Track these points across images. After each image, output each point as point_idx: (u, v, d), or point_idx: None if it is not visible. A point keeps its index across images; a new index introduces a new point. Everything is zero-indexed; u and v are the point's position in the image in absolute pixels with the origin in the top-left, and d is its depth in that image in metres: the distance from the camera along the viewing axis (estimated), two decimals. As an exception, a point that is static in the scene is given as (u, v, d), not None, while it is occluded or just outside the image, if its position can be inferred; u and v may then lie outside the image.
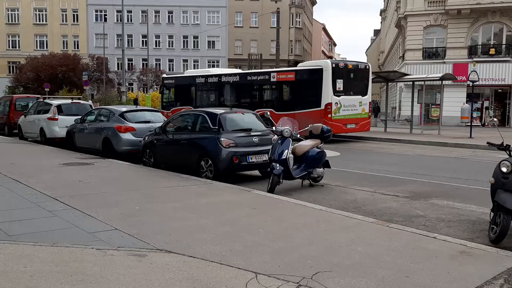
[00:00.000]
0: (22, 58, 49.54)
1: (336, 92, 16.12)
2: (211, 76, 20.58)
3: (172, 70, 56.03)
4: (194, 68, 54.19)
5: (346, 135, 18.31)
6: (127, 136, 11.44)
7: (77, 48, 55.82)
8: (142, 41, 55.81)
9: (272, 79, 17.91)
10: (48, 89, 37.49)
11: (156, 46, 56.94)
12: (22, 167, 9.41)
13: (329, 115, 15.91)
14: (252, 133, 8.82)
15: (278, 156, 7.49)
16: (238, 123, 9.13)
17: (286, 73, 17.79)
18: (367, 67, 17.19)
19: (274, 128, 7.84)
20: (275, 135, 8.28)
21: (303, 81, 16.89)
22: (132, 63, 55.77)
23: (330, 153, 12.57)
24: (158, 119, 12.31)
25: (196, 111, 9.76)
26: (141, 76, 52.61)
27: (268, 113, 8.44)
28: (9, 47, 55.40)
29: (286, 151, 7.52)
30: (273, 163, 7.48)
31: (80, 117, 13.49)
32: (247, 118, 9.43)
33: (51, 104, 15.07)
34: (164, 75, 24.63)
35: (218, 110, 9.23)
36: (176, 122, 10.14)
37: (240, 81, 19.23)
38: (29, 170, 9.09)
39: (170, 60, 57.56)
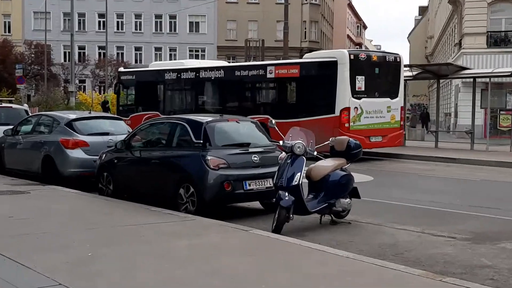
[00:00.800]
0: None
1: (355, 93, 16.22)
2: (186, 70, 20.73)
3: (140, 62, 56.59)
4: (172, 60, 54.70)
5: (377, 151, 18.32)
6: (77, 153, 11.50)
7: (8, 31, 56.43)
8: (99, 22, 56.48)
9: (268, 75, 17.98)
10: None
11: (118, 29, 57.60)
12: None
13: (346, 125, 15.99)
14: (251, 149, 8.89)
15: (287, 181, 7.50)
16: (231, 136, 9.19)
17: (287, 66, 17.93)
18: (398, 60, 17.35)
19: (281, 142, 7.87)
20: (283, 152, 8.31)
21: (310, 78, 17.04)
22: (84, 53, 56.29)
23: (359, 177, 12.60)
24: (120, 130, 12.39)
25: (173, 119, 9.84)
26: (97, 70, 53.08)
27: (273, 121, 8.48)
28: None
29: (299, 174, 7.53)
30: (280, 192, 7.49)
31: (11, 127, 13.58)
32: (244, 129, 9.47)
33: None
34: (122, 69, 25.25)
35: (204, 118, 9.30)
36: (145, 134, 10.18)
37: (225, 77, 19.37)
38: None
39: (137, 49, 58.19)
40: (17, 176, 12.93)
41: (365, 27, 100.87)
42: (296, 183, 7.47)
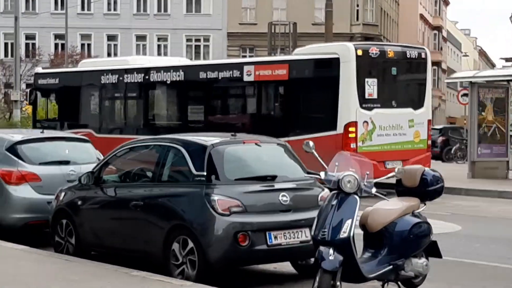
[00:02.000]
0: None
1: (365, 103, 16.88)
2: (131, 71, 21.61)
3: (115, 55, 57.08)
4: (161, 53, 55.20)
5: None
6: (23, 191, 11.59)
7: None
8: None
9: (246, 78, 18.76)
10: None
11: (83, 9, 58.24)
12: None
13: (353, 145, 16.53)
14: (277, 185, 8.91)
15: (333, 233, 7.45)
16: (248, 165, 9.25)
17: (272, 66, 18.72)
18: (424, 56, 18.06)
19: (323, 174, 7.85)
20: (326, 189, 8.26)
21: (303, 82, 17.80)
22: (34, 44, 56.99)
23: (440, 225, 12.45)
24: (85, 156, 12.49)
25: (163, 141, 9.91)
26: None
27: (311, 143, 8.50)
28: None
29: (349, 222, 7.48)
30: (322, 248, 7.44)
31: None
32: (268, 154, 9.52)
33: None
34: (39, 70, 26.57)
35: (208, 138, 9.36)
36: (122, 164, 10.25)
37: (186, 81, 20.28)
38: None
39: (111, 38, 58.83)
40: None
41: (446, 2, 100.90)
42: (345, 235, 7.42)
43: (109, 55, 57.48)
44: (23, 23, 39.98)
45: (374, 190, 7.83)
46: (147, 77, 21.11)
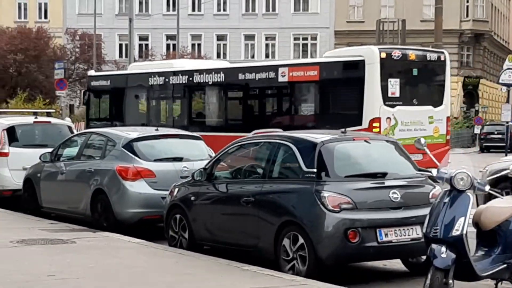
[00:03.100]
0: None
1: (388, 101, 17.93)
2: (176, 73, 23.06)
3: (224, 55, 57.83)
4: (268, 52, 55.52)
5: None
6: (139, 186, 11.93)
7: (45, 17, 59.64)
8: (167, 1, 58.24)
9: (280, 79, 19.96)
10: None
11: (194, 10, 59.15)
12: None
13: None
14: (388, 182, 8.88)
15: (445, 230, 7.33)
16: (358, 162, 9.24)
17: (304, 68, 20.08)
18: (443, 58, 19.14)
19: (435, 171, 7.74)
20: (437, 187, 8.15)
21: (332, 82, 19.14)
22: (147, 45, 58.32)
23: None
24: (198, 153, 12.76)
25: (273, 138, 10.04)
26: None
27: (423, 140, 8.39)
28: None
29: (462, 220, 7.34)
30: (434, 246, 7.33)
31: (50, 150, 14.23)
32: (378, 151, 9.51)
33: (-4, 126, 16.11)
34: (92, 73, 28.35)
35: (318, 136, 9.40)
36: (233, 161, 10.39)
37: (225, 82, 21.70)
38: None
39: (221, 38, 59.50)
40: (58, 218, 13.56)
41: None
42: (458, 233, 7.29)
43: (218, 55, 58.24)
44: (136, 24, 41.05)
45: (487, 187, 7.66)
46: (190, 78, 22.37)
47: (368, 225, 8.49)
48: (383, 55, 17.90)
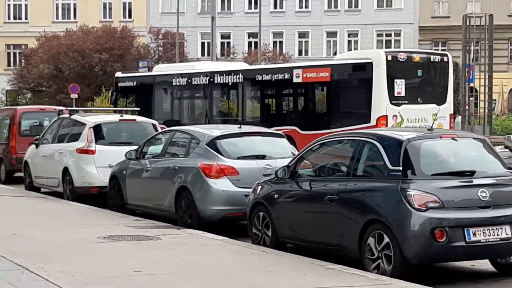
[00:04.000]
0: (31, 38, 55.18)
1: (394, 99, 19.65)
2: (198, 75, 25.26)
3: (306, 52, 57.78)
4: (351, 48, 55.17)
5: None
6: (222, 184, 12.03)
7: (129, 16, 60.64)
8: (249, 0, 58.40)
9: (295, 80, 21.96)
10: (76, 95, 40.99)
11: (276, 7, 59.21)
12: (32, 243, 10.31)
13: None
14: (476, 181, 8.73)
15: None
16: (446, 160, 9.17)
17: (316, 70, 21.92)
18: (446, 60, 20.82)
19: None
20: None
21: (342, 83, 21.11)
22: (229, 43, 58.72)
23: None
24: (281, 151, 12.80)
25: (357, 136, 10.02)
26: (246, 66, 54.97)
27: (512, 137, 8.27)
28: (8, 19, 62.20)
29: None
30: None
31: (135, 148, 14.49)
32: (466, 149, 9.39)
33: (83, 124, 16.59)
34: (119, 74, 30.46)
35: (404, 133, 9.35)
36: (316, 158, 10.38)
37: (244, 82, 23.79)
38: (45, 248, 9.91)
39: (302, 35, 59.40)
40: (142, 215, 13.81)
41: None
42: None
43: (300, 52, 58.16)
44: (218, 23, 41.35)
45: None
46: (211, 79, 24.56)
47: (456, 224, 8.37)
48: (390, 57, 19.70)
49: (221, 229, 12.03)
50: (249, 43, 58.29)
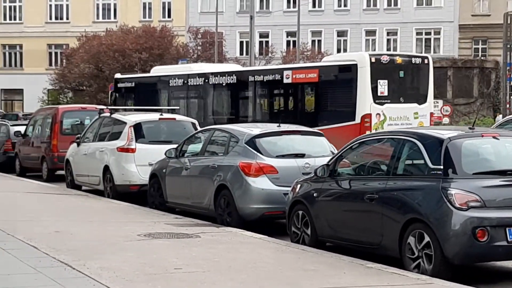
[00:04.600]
0: (72, 38, 55.76)
1: (377, 99, 20.75)
2: (193, 76, 26.61)
3: (344, 50, 57.53)
4: (390, 47, 54.90)
5: None
6: (261, 182, 12.09)
7: (168, 16, 61.02)
8: (288, -1, 58.33)
9: (285, 80, 23.24)
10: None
11: (314, 6, 59.11)
12: (75, 240, 10.46)
13: (368, 132, 18.70)
14: (517, 179, 8.68)
15: None
16: (486, 158, 9.13)
17: (305, 71, 23.46)
18: (427, 62, 22.10)
19: None
20: None
21: (330, 83, 22.27)
22: (267, 42, 58.76)
23: None
24: (320, 150, 12.82)
25: (397, 134, 9.98)
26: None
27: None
28: (50, 19, 62.97)
29: None
30: None
31: (175, 147, 14.59)
32: (508, 148, 9.31)
33: (123, 123, 16.77)
34: (118, 75, 31.77)
35: (445, 132, 9.32)
36: (356, 157, 10.39)
37: (237, 83, 25.15)
38: (87, 245, 10.06)
39: (341, 33, 59.19)
40: (182, 213, 13.91)
41: None
42: None
43: (338, 50, 57.90)
44: (257, 22, 41.35)
45: None
46: (206, 80, 25.87)
47: (498, 224, 8.32)
48: (373, 59, 20.85)
49: (260, 227, 12.08)
50: (288, 42, 58.25)
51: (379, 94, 20.73)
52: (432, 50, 55.78)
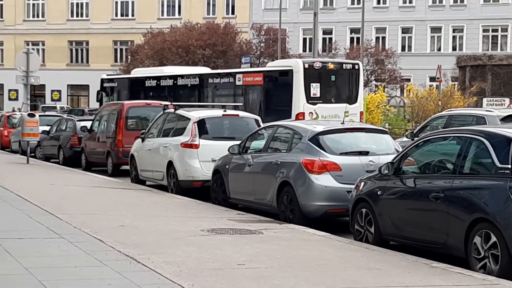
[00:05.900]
0: (137, 34, 56.48)
1: (310, 99, 23.97)
2: (164, 77, 30.68)
3: (409, 48, 57.06)
4: (455, 44, 54.27)
5: None
6: (324, 180, 12.06)
7: (232, 13, 61.45)
8: (354, -5, 58.07)
9: (237, 82, 26.74)
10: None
11: (379, 2, 58.80)
12: (139, 234, 10.60)
13: None
14: None
15: None
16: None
17: (253, 74, 27.17)
18: (357, 67, 25.58)
19: None
20: None
21: (272, 85, 26.11)
22: (331, 39, 58.60)
23: None
24: (384, 148, 12.77)
25: (463, 132, 9.88)
26: (347, 62, 54.62)
27: None
28: (115, 16, 63.90)
29: None
30: None
31: (238, 143, 14.69)
32: None
33: (187, 119, 16.94)
34: (104, 76, 35.26)
35: (509, 129, 9.13)
36: (421, 155, 10.28)
37: (200, 84, 28.83)
38: (151, 239, 10.19)
39: (406, 30, 58.71)
40: (244, 209, 13.98)
41: None
42: None
43: (403, 48, 57.53)
44: (321, 18, 41.29)
45: None
46: (175, 81, 29.66)
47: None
48: (306, 65, 24.15)
49: (322, 224, 12.06)
50: (351, 39, 58.11)
51: (311, 95, 23.92)
52: (499, 48, 55.03)
